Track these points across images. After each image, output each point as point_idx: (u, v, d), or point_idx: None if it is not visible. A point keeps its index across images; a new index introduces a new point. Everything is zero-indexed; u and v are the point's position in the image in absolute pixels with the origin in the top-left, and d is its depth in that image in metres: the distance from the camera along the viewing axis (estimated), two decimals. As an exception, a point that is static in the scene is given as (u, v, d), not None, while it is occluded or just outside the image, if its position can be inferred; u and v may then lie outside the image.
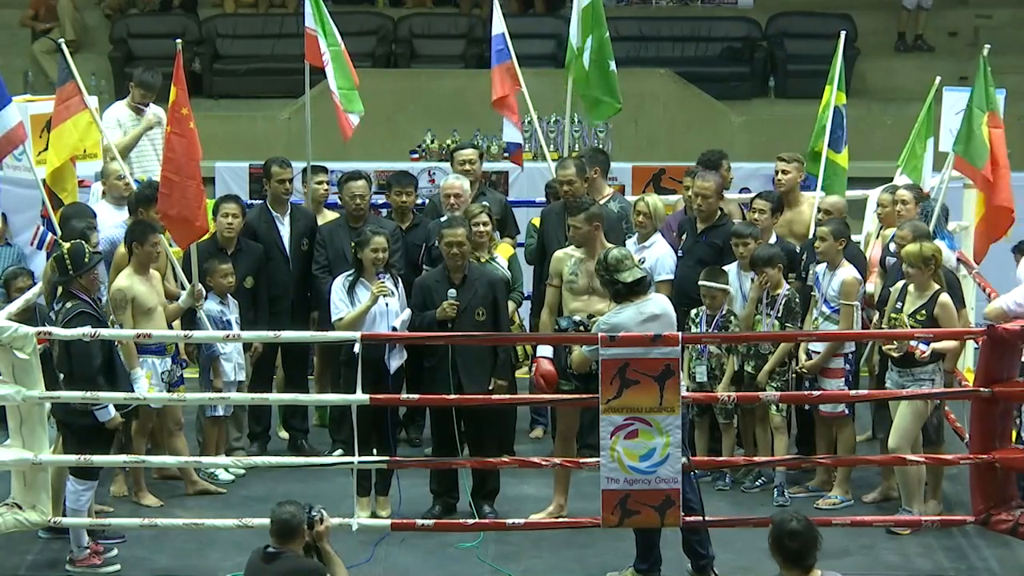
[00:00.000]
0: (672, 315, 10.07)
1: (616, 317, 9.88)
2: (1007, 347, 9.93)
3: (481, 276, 11.11)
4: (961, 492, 10.95)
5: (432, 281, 11.10)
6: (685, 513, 9.89)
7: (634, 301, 9.90)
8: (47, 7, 20.89)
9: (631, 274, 9.91)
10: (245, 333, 11.33)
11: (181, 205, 10.92)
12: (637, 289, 9.91)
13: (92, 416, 10.18)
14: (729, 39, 21.06)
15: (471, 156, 12.68)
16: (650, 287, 10.13)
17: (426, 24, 21.21)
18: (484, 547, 10.52)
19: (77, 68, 12.18)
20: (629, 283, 9.89)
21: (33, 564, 10.43)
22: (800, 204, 12.38)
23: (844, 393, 11.08)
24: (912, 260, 10.62)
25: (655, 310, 9.93)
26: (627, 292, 9.91)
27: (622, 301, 9.93)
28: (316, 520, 8.52)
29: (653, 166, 17.53)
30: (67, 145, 12.14)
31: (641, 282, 9.93)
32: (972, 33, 20.84)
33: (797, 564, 7.90)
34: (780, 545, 7.91)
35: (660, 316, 9.92)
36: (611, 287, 9.99)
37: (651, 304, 9.95)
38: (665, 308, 10.04)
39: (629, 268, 9.91)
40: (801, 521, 7.93)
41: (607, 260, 9.96)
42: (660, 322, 9.88)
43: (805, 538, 7.89)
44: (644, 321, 9.83)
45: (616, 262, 9.91)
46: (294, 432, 12.36)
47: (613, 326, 9.81)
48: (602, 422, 9.82)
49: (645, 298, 9.95)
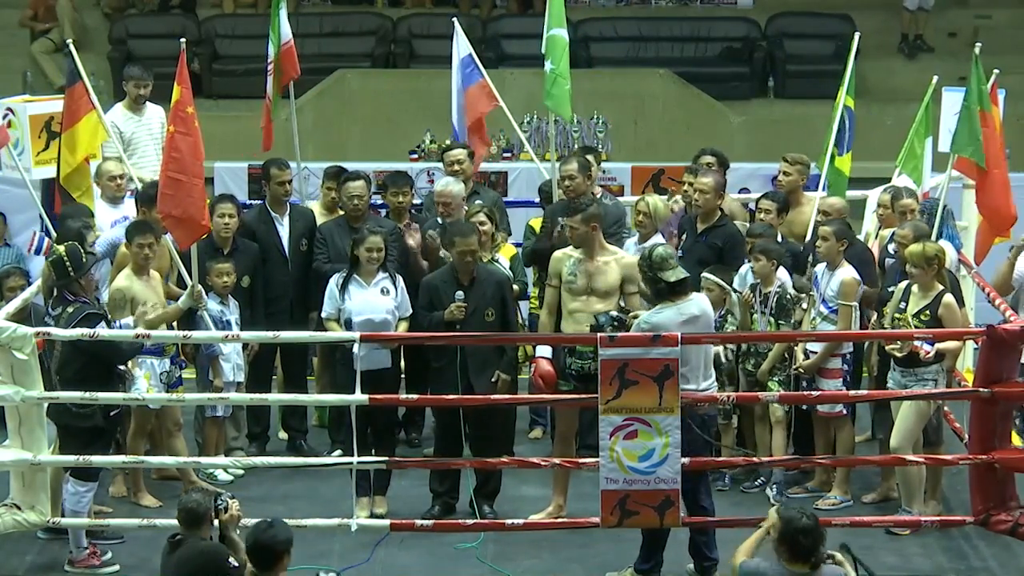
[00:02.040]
0: (711, 314, 10.13)
1: (657, 316, 9.89)
2: (1007, 347, 9.95)
3: (489, 277, 11.11)
4: (961, 492, 10.94)
5: (439, 281, 11.10)
6: (696, 514, 9.88)
7: (675, 301, 9.90)
8: (46, 7, 20.89)
9: (674, 274, 9.91)
10: (244, 333, 11.33)
11: (187, 204, 10.87)
12: (679, 289, 9.92)
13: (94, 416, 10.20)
14: (728, 39, 21.06)
15: (460, 156, 12.68)
16: (690, 287, 10.13)
17: (425, 24, 21.21)
18: (483, 547, 10.53)
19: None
20: (672, 283, 9.90)
21: (32, 565, 10.43)
22: (802, 205, 12.37)
23: (844, 393, 11.08)
24: (915, 260, 10.61)
25: (695, 311, 9.95)
26: (668, 291, 9.92)
27: (663, 300, 9.94)
28: (222, 509, 8.63)
29: (652, 166, 17.54)
30: (81, 146, 12.14)
31: (683, 283, 9.95)
32: (972, 33, 20.80)
33: (806, 560, 8.00)
34: (792, 541, 7.99)
35: (699, 317, 9.96)
36: (652, 285, 10.00)
37: (692, 305, 9.96)
38: (704, 308, 10.05)
39: (673, 268, 9.92)
40: (811, 517, 8.03)
41: (651, 258, 9.96)
42: (698, 323, 9.92)
43: (815, 535, 8.00)
44: (684, 322, 9.86)
45: (660, 260, 9.91)
46: (293, 432, 12.36)
47: (654, 325, 9.83)
48: (601, 422, 9.84)
49: (686, 299, 9.95)
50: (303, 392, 12.21)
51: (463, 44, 13.59)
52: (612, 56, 20.24)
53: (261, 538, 8.17)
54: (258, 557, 8.18)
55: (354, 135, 19.07)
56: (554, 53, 13.15)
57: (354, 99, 19.14)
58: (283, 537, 8.19)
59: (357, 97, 19.26)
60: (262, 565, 8.18)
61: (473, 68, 13.50)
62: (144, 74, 13.27)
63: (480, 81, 13.53)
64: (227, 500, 8.70)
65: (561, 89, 13.14)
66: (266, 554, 8.15)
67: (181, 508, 8.61)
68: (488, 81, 13.47)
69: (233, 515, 8.68)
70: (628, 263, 10.90)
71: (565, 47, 13.16)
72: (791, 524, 8.01)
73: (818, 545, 8.02)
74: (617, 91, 18.72)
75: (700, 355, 10.03)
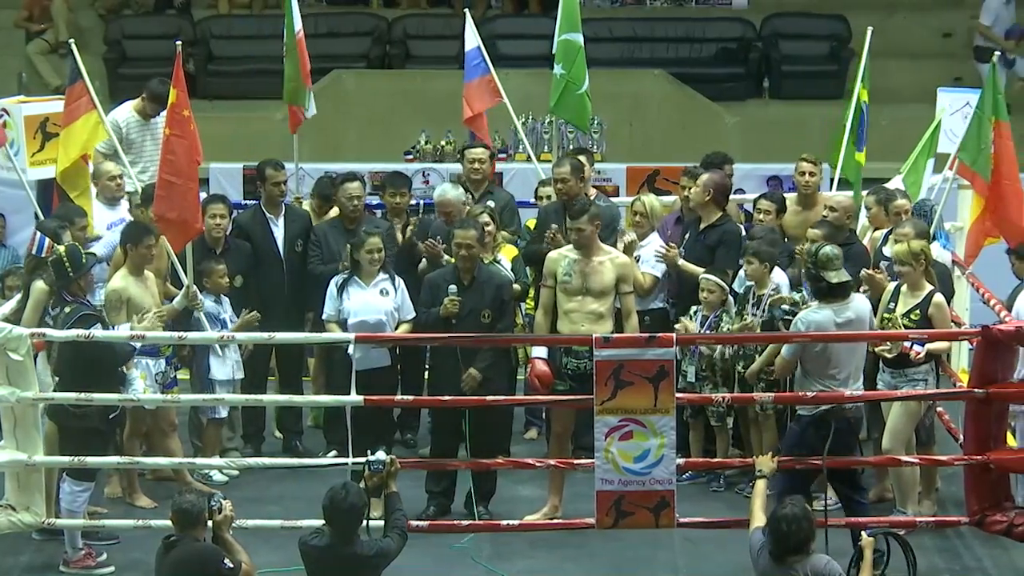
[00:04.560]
0: (866, 313, 10.16)
1: (815, 315, 10.01)
2: (1002, 348, 9.97)
3: (490, 279, 11.13)
4: (956, 492, 10.96)
5: (441, 279, 11.14)
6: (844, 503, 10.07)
7: (833, 303, 9.99)
8: (41, 8, 20.86)
9: (838, 276, 10.00)
10: (240, 334, 11.34)
11: (181, 207, 10.90)
12: (839, 292, 10.00)
13: (93, 417, 10.22)
14: (723, 40, 21.05)
15: (481, 155, 12.69)
16: (852, 289, 10.19)
17: (420, 25, 21.20)
18: (479, 548, 10.56)
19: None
20: (834, 284, 9.97)
21: (27, 565, 10.46)
22: (817, 204, 12.37)
23: (838, 394, 11.05)
24: (903, 258, 10.64)
25: (851, 315, 10.05)
26: (829, 292, 10.00)
27: (822, 300, 10.01)
28: (215, 509, 8.67)
29: (648, 167, 17.51)
30: (77, 144, 12.13)
31: (845, 286, 10.03)
32: (966, 34, 20.84)
33: (799, 552, 8.30)
34: (783, 536, 8.27)
35: (853, 320, 10.04)
36: (814, 282, 10.08)
37: (849, 310, 10.05)
38: (860, 312, 10.13)
39: (837, 269, 10.00)
40: (799, 508, 8.35)
41: (818, 256, 10.03)
42: (851, 326, 10.01)
43: (808, 528, 8.35)
44: (840, 324, 9.97)
45: (826, 260, 9.99)
46: (288, 433, 12.37)
47: (810, 323, 9.96)
48: (597, 423, 9.86)
49: (845, 302, 10.03)
50: (298, 393, 12.23)
51: (472, 36, 13.51)
52: (607, 57, 20.20)
53: (341, 505, 8.48)
54: (338, 522, 8.52)
55: (349, 136, 19.05)
56: (566, 58, 13.11)
57: (349, 100, 19.13)
58: (360, 503, 8.59)
59: (352, 98, 19.25)
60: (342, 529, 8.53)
61: (480, 61, 13.44)
62: (166, 99, 13.09)
63: (486, 76, 13.49)
64: (221, 501, 8.74)
65: (572, 95, 13.11)
66: (346, 518, 8.50)
67: (175, 509, 8.65)
68: (495, 76, 13.40)
69: (227, 516, 8.73)
70: (623, 263, 10.95)
71: (579, 51, 13.11)
72: (781, 520, 8.30)
73: (810, 538, 8.32)
74: (612, 92, 18.68)
75: (852, 357, 10.11)
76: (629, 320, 10.96)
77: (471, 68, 13.50)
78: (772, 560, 8.42)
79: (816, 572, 8.33)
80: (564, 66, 13.14)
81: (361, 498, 8.64)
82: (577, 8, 13.21)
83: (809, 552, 8.40)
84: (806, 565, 8.33)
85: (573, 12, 13.18)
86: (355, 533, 8.59)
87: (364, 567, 8.60)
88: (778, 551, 8.37)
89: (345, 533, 8.55)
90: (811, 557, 8.39)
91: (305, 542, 8.65)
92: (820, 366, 10.08)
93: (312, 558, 8.62)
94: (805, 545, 8.37)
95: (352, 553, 8.55)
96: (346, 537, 8.54)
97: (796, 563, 8.34)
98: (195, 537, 8.58)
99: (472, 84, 13.51)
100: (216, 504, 8.69)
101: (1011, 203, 11.70)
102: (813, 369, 10.11)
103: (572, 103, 13.22)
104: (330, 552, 8.56)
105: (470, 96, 13.56)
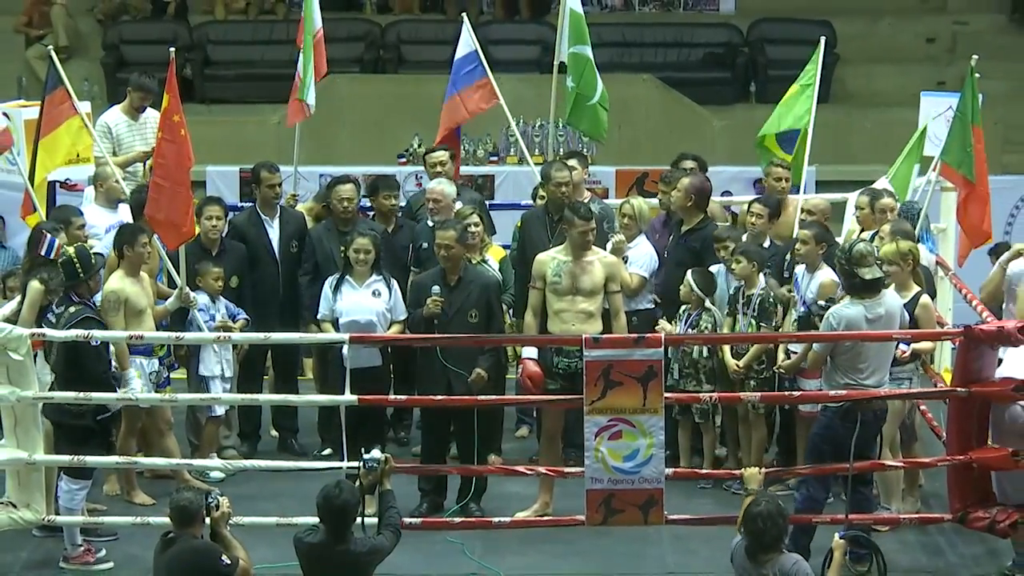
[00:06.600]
0: (896, 309, 10.19)
1: (847, 311, 10.04)
2: (984, 347, 10.03)
3: (476, 279, 11.20)
4: (939, 488, 11.03)
5: (428, 280, 11.21)
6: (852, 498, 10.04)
7: (865, 300, 10.04)
8: (40, 13, 20.93)
9: (871, 272, 10.04)
10: (236, 335, 11.46)
11: (169, 210, 10.97)
12: (872, 288, 10.05)
13: (86, 416, 10.32)
14: (711, 45, 21.17)
15: (443, 158, 12.77)
16: (884, 287, 10.25)
17: (413, 30, 21.30)
18: (471, 544, 10.62)
19: (70, 74, 12.29)
20: (867, 280, 10.03)
21: (27, 562, 10.52)
22: (787, 207, 12.53)
23: (824, 393, 11.13)
24: (891, 258, 10.69)
25: (882, 311, 10.08)
26: (862, 288, 10.04)
27: (855, 296, 10.08)
28: (213, 506, 8.76)
29: (636, 169, 17.65)
30: (60, 150, 12.22)
31: (878, 282, 10.08)
32: (950, 39, 20.99)
33: (772, 549, 8.42)
34: (758, 533, 8.37)
35: (883, 316, 10.08)
36: (847, 279, 10.12)
37: (881, 306, 10.09)
38: (891, 307, 10.15)
39: (870, 266, 10.04)
40: (772, 505, 8.46)
41: (851, 252, 10.07)
42: (880, 323, 10.06)
43: (783, 525, 8.49)
44: (871, 320, 10.02)
45: (860, 257, 10.02)
46: (284, 431, 12.52)
47: (841, 319, 10.01)
48: (586, 423, 9.92)
49: (877, 298, 10.08)
50: (293, 392, 12.34)
51: (469, 40, 13.40)
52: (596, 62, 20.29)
53: (335, 503, 8.55)
54: (332, 520, 8.58)
55: (343, 139, 19.16)
56: (576, 70, 13.14)
57: (343, 104, 19.22)
58: (354, 500, 8.63)
59: (346, 102, 19.34)
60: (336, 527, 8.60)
61: (477, 65, 13.39)
62: (152, 88, 13.23)
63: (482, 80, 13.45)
64: (218, 498, 8.82)
65: (584, 106, 13.15)
66: (340, 516, 8.58)
67: (173, 506, 8.74)
68: (491, 79, 13.44)
69: (224, 513, 8.81)
70: (611, 262, 11.05)
71: (587, 63, 13.11)
72: (759, 517, 8.40)
73: (783, 534, 8.45)
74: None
75: (881, 353, 10.17)
76: (617, 319, 11.04)
77: (462, 76, 13.37)
78: (747, 557, 8.50)
79: (784, 572, 8.41)
80: (574, 79, 13.22)
81: (355, 496, 8.70)
82: (583, 21, 13.19)
83: (781, 550, 8.48)
84: (775, 564, 8.42)
85: (580, 26, 13.16)
86: (349, 530, 8.65)
87: (358, 564, 8.67)
88: (753, 548, 8.44)
89: (339, 530, 8.61)
90: (781, 556, 8.46)
91: (300, 539, 8.71)
92: (849, 360, 10.12)
93: (307, 555, 8.68)
94: (777, 543, 8.45)
95: (346, 550, 8.61)
96: (340, 534, 8.61)
97: (767, 562, 8.42)
98: (193, 534, 8.68)
99: (464, 92, 13.43)
100: (214, 501, 8.77)
101: (979, 208, 11.86)
102: (842, 363, 10.14)
103: (586, 114, 13.30)
104: (324, 549, 8.63)
105: (459, 104, 13.48)
